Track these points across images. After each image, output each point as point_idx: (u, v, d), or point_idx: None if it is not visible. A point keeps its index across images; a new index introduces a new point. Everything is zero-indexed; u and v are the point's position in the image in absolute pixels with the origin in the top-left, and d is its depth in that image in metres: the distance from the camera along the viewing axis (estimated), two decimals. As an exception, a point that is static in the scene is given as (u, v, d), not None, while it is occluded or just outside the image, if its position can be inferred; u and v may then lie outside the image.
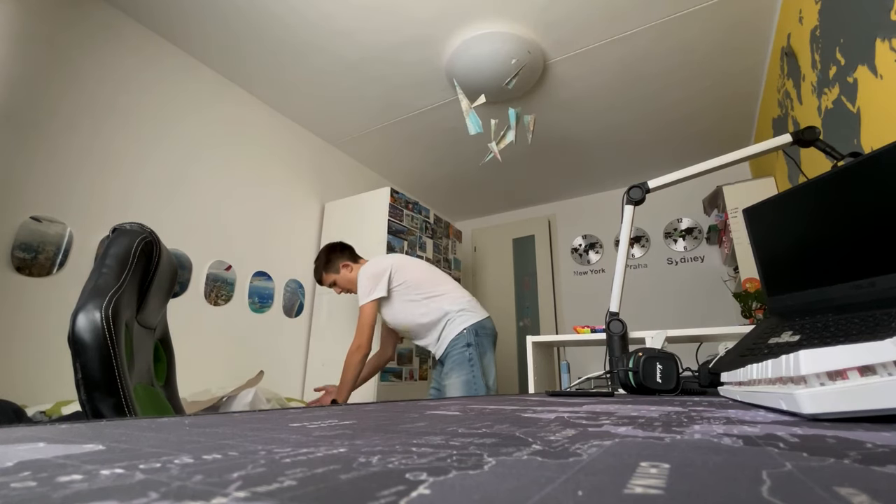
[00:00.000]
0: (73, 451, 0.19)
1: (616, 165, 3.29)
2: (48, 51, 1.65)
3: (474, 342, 1.67)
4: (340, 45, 2.10)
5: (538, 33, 2.03)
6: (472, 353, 1.65)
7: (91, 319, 0.60)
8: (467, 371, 1.63)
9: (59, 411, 1.29)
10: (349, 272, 1.88)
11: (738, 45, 2.09)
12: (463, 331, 1.68)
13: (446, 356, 1.70)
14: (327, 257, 1.92)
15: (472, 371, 1.63)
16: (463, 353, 1.65)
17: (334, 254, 1.92)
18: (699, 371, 0.73)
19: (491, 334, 1.77)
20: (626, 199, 1.02)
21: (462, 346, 1.66)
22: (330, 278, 1.91)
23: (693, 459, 0.16)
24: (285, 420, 0.34)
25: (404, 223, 2.68)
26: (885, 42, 1.07)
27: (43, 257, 1.56)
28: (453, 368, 1.65)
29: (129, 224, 0.77)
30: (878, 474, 0.13)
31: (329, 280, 1.92)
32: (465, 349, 1.66)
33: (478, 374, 1.63)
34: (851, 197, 0.70)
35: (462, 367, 1.64)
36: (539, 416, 0.34)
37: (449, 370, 1.66)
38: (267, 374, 2.13)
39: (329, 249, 1.93)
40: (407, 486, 0.12)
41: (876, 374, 0.24)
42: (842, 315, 0.63)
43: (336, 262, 1.90)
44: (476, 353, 1.65)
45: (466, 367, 1.63)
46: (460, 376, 1.63)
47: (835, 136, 1.41)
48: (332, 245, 1.95)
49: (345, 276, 1.88)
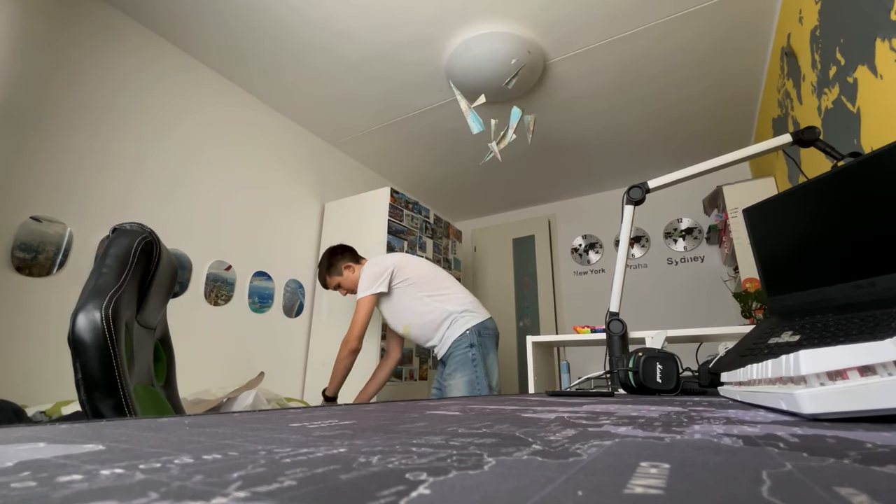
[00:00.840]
0: (73, 451, 0.19)
1: (616, 165, 3.29)
2: (48, 51, 1.65)
3: (477, 343, 1.67)
4: (340, 44, 2.10)
5: (538, 33, 2.03)
6: (475, 354, 1.65)
7: (91, 319, 0.60)
8: (471, 371, 1.63)
9: (59, 411, 1.29)
10: (352, 273, 1.88)
11: (738, 45, 2.09)
12: (466, 331, 1.68)
13: (449, 356, 1.70)
14: (329, 261, 1.92)
15: (476, 371, 1.63)
16: (466, 353, 1.66)
17: (336, 256, 1.92)
18: (699, 371, 0.73)
19: (493, 335, 1.77)
20: (626, 199, 1.02)
21: (465, 346, 1.66)
22: (334, 281, 1.92)
23: (693, 459, 0.16)
24: (285, 420, 0.34)
25: (404, 223, 2.68)
26: (885, 42, 1.07)
27: (43, 257, 1.56)
28: (457, 369, 1.65)
29: (129, 224, 0.77)
30: (878, 474, 0.13)
31: (333, 283, 1.93)
32: (468, 350, 1.66)
33: (481, 375, 1.63)
34: (851, 197, 0.70)
35: (465, 368, 1.64)
36: (539, 416, 0.34)
37: (452, 371, 1.66)
38: (267, 374, 2.13)
39: (331, 253, 1.94)
40: (407, 486, 0.12)
41: (876, 374, 0.24)
42: (842, 315, 0.63)
43: (338, 265, 1.91)
44: (479, 354, 1.65)
45: (470, 367, 1.64)
46: (464, 376, 1.63)
47: (835, 136, 1.41)
48: (334, 248, 1.96)
49: (348, 277, 1.89)
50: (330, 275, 1.92)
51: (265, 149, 2.52)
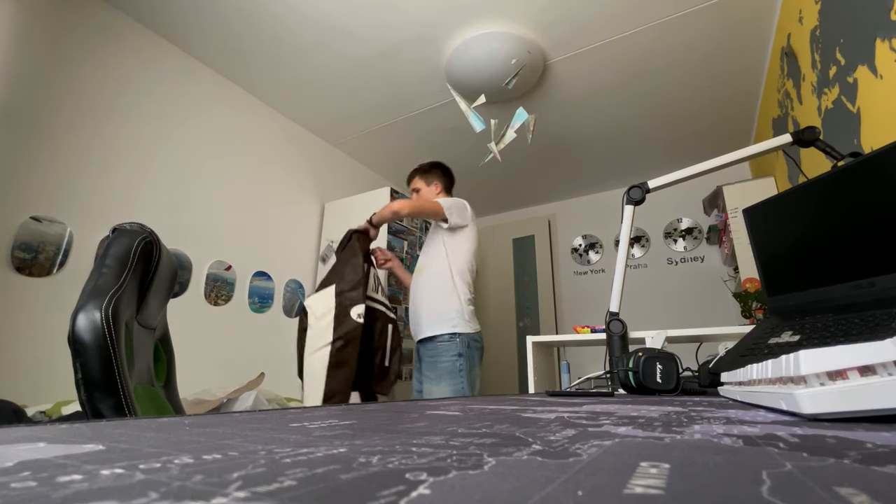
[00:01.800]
0: (73, 451, 0.19)
1: (616, 165, 3.29)
2: (49, 51, 1.65)
3: (465, 353, 1.63)
4: (341, 44, 2.10)
5: (538, 33, 2.03)
6: (462, 365, 1.61)
7: (91, 319, 0.60)
8: (457, 381, 1.60)
9: (59, 411, 1.29)
10: (436, 191, 1.87)
11: (738, 45, 2.09)
12: (456, 336, 1.64)
13: (433, 357, 1.65)
14: (431, 167, 1.92)
15: (462, 382, 1.60)
16: (454, 362, 1.62)
17: (437, 170, 1.91)
18: (699, 371, 0.73)
19: (480, 349, 1.73)
20: (626, 199, 1.02)
21: (453, 354, 1.62)
22: (418, 184, 1.91)
23: (693, 459, 0.16)
24: (285, 420, 0.34)
25: (404, 223, 2.68)
26: (885, 42, 1.07)
27: (43, 257, 1.56)
28: (442, 377, 1.61)
29: (129, 224, 0.77)
30: (878, 474, 0.13)
31: (416, 185, 1.92)
32: (456, 359, 1.62)
33: (466, 386, 1.60)
34: (851, 197, 0.70)
35: (452, 377, 1.61)
36: (539, 416, 0.34)
37: (437, 377, 1.62)
38: (267, 375, 2.13)
39: (438, 164, 1.93)
40: (407, 486, 0.12)
41: (876, 374, 0.24)
42: (842, 315, 0.63)
43: (433, 177, 1.90)
44: (466, 365, 1.62)
45: (456, 377, 1.60)
46: (449, 386, 1.60)
47: (835, 136, 1.41)
48: (444, 165, 1.95)
49: (431, 191, 1.88)
50: (421, 176, 1.91)
51: (265, 149, 2.52)
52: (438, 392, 1.61)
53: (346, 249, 1.61)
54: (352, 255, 1.58)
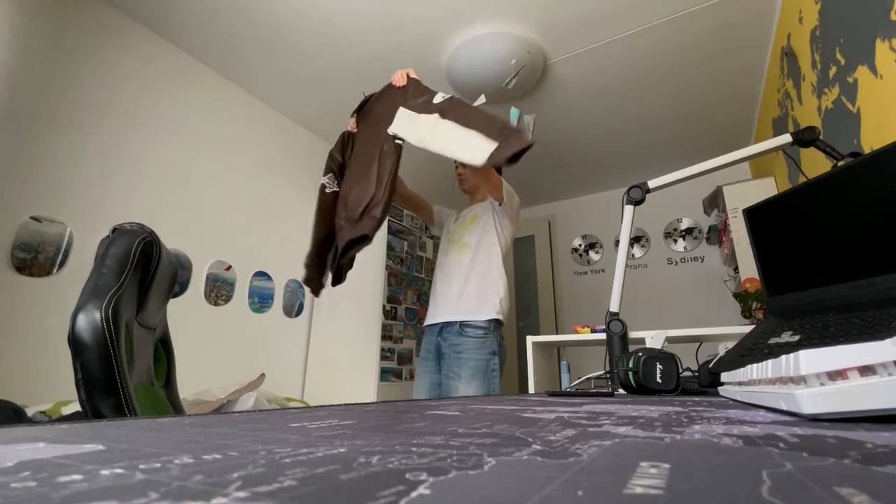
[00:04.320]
0: (73, 451, 0.19)
1: (616, 165, 3.29)
2: (48, 50, 1.65)
3: (499, 352, 1.53)
4: (341, 44, 2.10)
5: (538, 33, 2.03)
6: (495, 365, 1.51)
7: (91, 319, 0.60)
8: (490, 382, 1.49)
9: (59, 411, 1.29)
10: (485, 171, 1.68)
11: (738, 46, 2.09)
12: (493, 327, 1.52)
13: (461, 353, 1.52)
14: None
15: (494, 384, 1.49)
16: (488, 360, 1.49)
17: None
18: (699, 371, 0.73)
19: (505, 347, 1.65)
20: (626, 199, 1.02)
21: (488, 352, 1.50)
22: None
23: (693, 459, 0.16)
24: (285, 420, 0.34)
25: (404, 223, 2.68)
26: (885, 42, 1.07)
27: (43, 257, 1.56)
28: (475, 376, 1.49)
29: (129, 224, 0.77)
30: (878, 474, 0.13)
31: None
32: (490, 357, 1.50)
33: (497, 387, 1.50)
34: (851, 197, 0.70)
35: (485, 377, 1.49)
36: (539, 416, 0.34)
37: (469, 376, 1.49)
38: (267, 375, 2.13)
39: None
40: (407, 486, 0.12)
41: (876, 374, 0.24)
42: (842, 315, 0.63)
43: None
44: (499, 365, 1.52)
45: (490, 377, 1.49)
46: (483, 387, 1.48)
47: (835, 136, 1.41)
48: None
49: (479, 169, 1.68)
50: None
51: (265, 148, 2.52)
52: (464, 390, 1.48)
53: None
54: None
